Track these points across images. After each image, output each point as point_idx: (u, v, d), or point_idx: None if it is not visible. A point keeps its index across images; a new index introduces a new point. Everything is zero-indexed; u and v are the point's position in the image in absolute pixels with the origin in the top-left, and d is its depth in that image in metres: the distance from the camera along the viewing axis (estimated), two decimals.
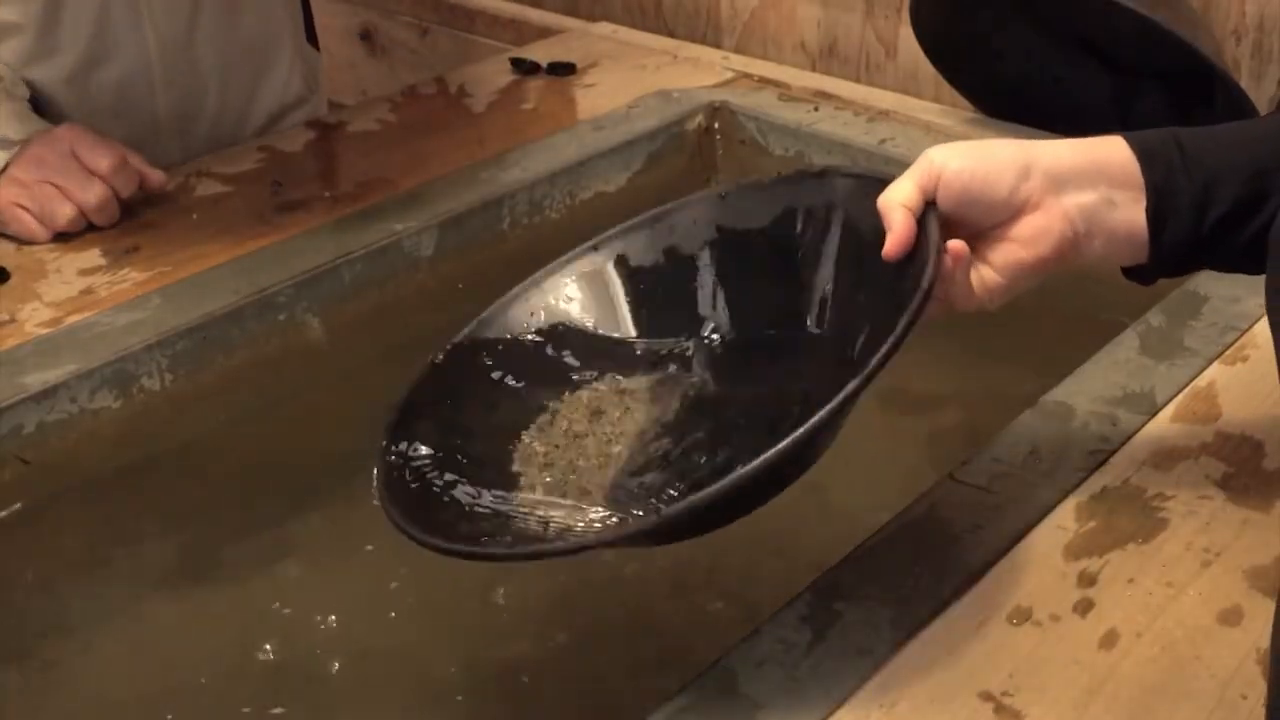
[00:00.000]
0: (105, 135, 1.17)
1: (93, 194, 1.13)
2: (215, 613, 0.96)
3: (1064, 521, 0.80)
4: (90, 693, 0.91)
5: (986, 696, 0.69)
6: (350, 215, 1.18)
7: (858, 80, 1.49)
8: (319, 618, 0.94)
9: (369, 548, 1.00)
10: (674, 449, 0.76)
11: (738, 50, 1.58)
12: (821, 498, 1.02)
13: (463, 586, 0.95)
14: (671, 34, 1.64)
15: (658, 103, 1.39)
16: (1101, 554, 0.78)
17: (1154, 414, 0.89)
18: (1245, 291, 1.03)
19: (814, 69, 1.53)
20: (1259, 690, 0.68)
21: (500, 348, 0.80)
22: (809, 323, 0.79)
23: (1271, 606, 0.72)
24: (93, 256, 1.12)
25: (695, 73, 1.47)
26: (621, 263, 0.82)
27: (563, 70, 1.47)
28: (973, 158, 0.74)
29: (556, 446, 0.76)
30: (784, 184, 0.82)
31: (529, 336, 0.81)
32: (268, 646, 0.93)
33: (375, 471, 0.72)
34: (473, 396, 0.78)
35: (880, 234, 0.73)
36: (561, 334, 0.81)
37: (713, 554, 0.98)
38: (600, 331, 0.82)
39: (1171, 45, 1.14)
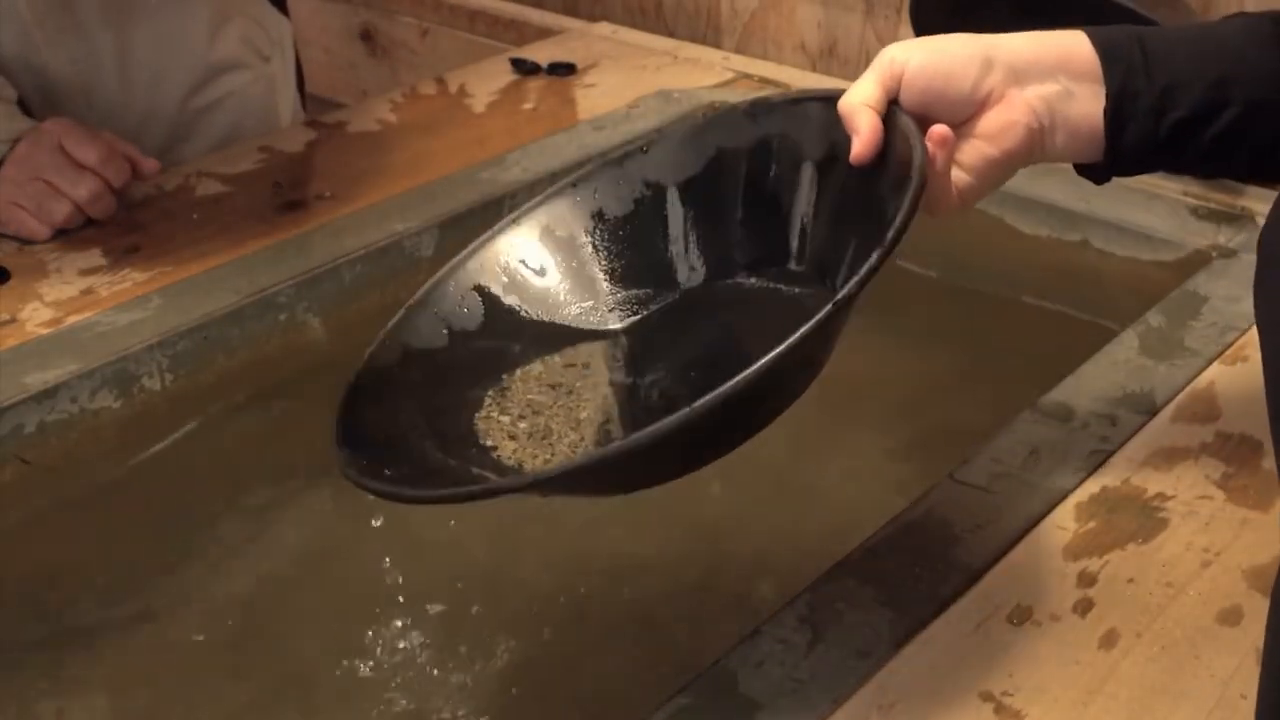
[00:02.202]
0: (92, 128, 1.17)
1: (84, 188, 1.13)
2: (215, 612, 0.95)
3: (1064, 521, 0.80)
4: (90, 693, 0.91)
5: (986, 696, 0.69)
6: (350, 215, 1.18)
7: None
8: (318, 618, 0.94)
9: (369, 548, 1.00)
10: (651, 401, 0.73)
11: (738, 51, 1.58)
12: (821, 498, 1.03)
13: (462, 586, 0.95)
14: (672, 34, 1.64)
15: (658, 103, 1.39)
16: (1101, 554, 0.78)
17: (1154, 414, 0.89)
18: (1245, 291, 1.02)
19: (814, 69, 1.53)
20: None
21: (435, 334, 0.76)
22: (782, 260, 0.76)
23: None
24: (93, 256, 1.12)
25: (695, 73, 1.47)
26: (547, 234, 0.79)
27: (563, 70, 1.47)
28: (933, 53, 0.73)
29: (521, 418, 0.73)
30: (710, 126, 0.78)
31: (461, 324, 0.77)
32: (267, 647, 0.93)
33: (338, 451, 0.69)
34: (414, 388, 0.74)
35: (842, 152, 0.70)
36: (494, 315, 0.77)
37: (712, 553, 0.98)
38: (537, 308, 0.78)
39: None
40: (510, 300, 0.78)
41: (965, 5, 1.29)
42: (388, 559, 0.99)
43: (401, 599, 0.94)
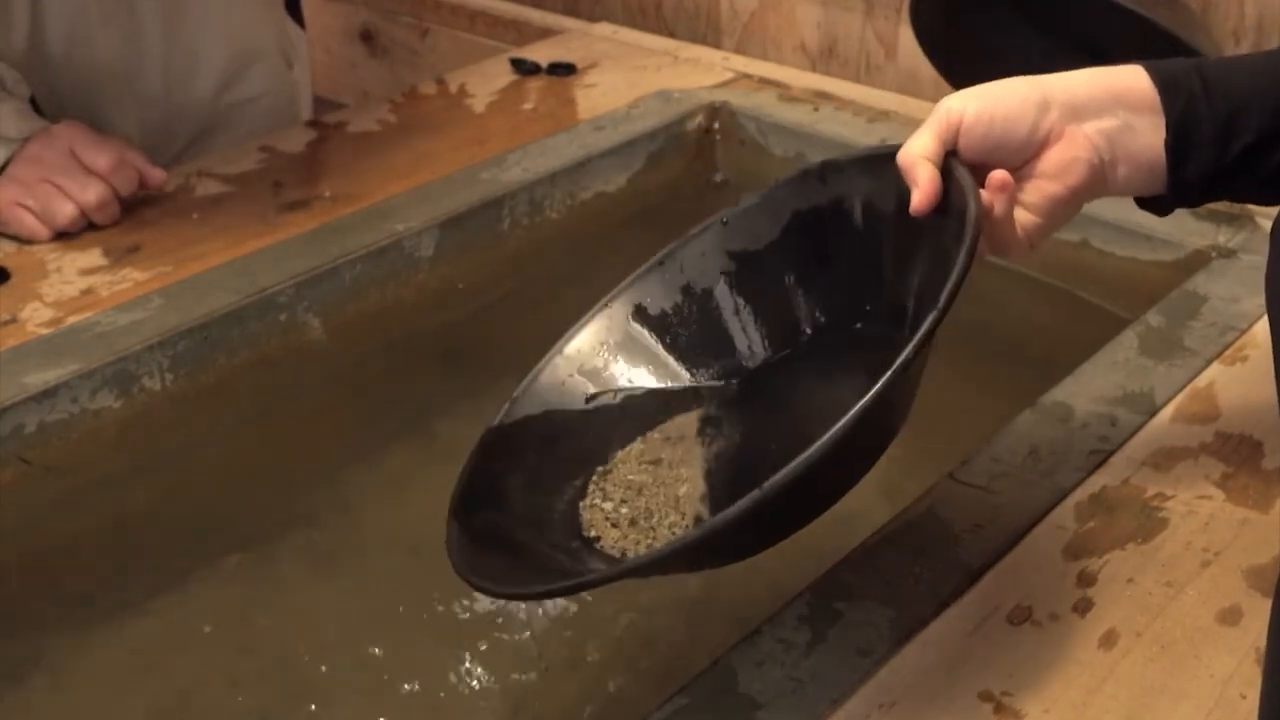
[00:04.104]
0: (104, 133, 1.18)
1: (92, 193, 1.13)
2: (214, 613, 0.96)
3: (1064, 521, 0.81)
4: (89, 693, 0.91)
5: (986, 696, 0.69)
6: (350, 215, 1.18)
7: (857, 80, 1.49)
8: (317, 619, 0.94)
9: (368, 549, 1.00)
10: (744, 472, 0.74)
11: (738, 51, 1.58)
12: None
13: (462, 587, 0.95)
14: (672, 34, 1.64)
15: (658, 103, 1.39)
16: (1101, 554, 0.78)
17: (1153, 414, 0.89)
18: (1245, 291, 1.03)
19: (814, 69, 1.53)
20: (1258, 690, 0.68)
21: (537, 423, 0.78)
22: (852, 320, 0.78)
23: (1270, 606, 0.72)
24: (94, 256, 1.12)
25: (695, 73, 1.47)
26: (640, 313, 0.81)
27: (563, 70, 1.47)
28: (990, 99, 0.73)
29: (623, 501, 0.75)
30: (784, 190, 0.81)
31: (562, 407, 0.79)
32: (265, 647, 0.93)
33: (451, 546, 0.70)
34: (522, 477, 0.76)
35: (904, 205, 0.71)
36: (594, 401, 0.80)
37: None
38: (634, 384, 0.80)
39: (1170, 45, 1.14)
40: (608, 382, 0.80)
41: (965, 5, 1.29)
42: (387, 561, 0.99)
43: (401, 601, 0.94)
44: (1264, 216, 1.14)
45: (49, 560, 0.98)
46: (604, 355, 0.81)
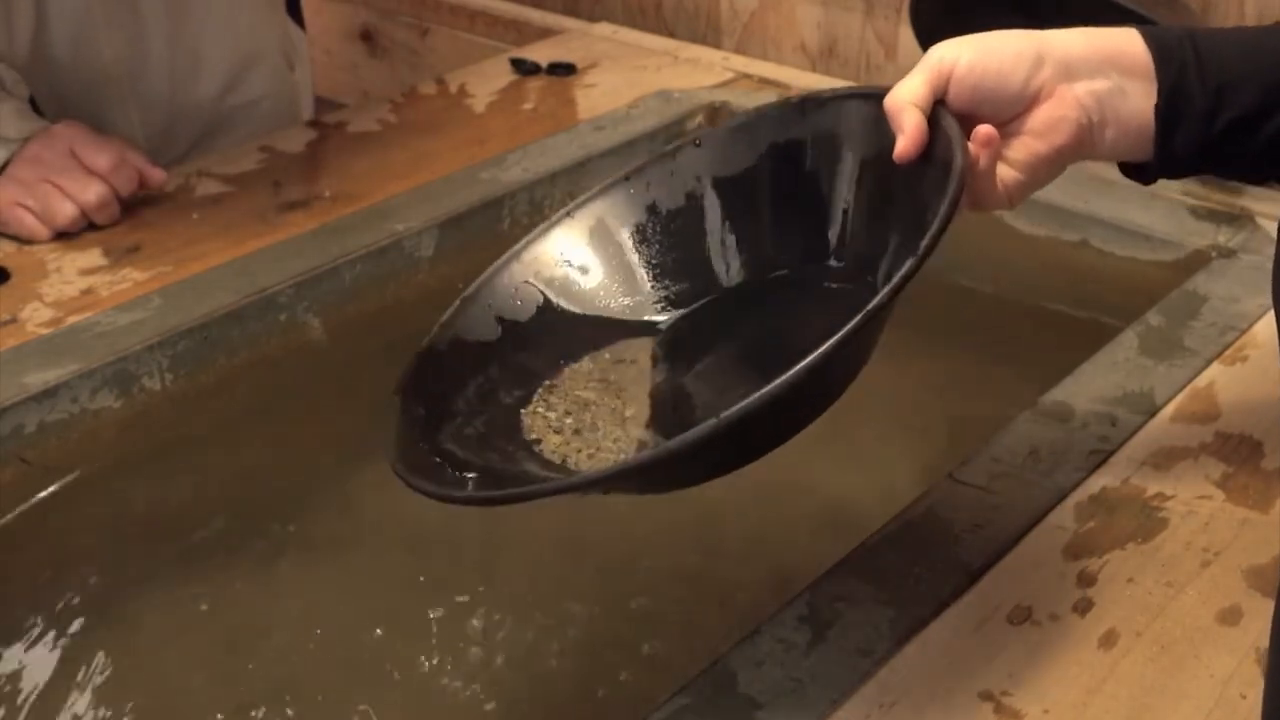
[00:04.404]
0: (103, 133, 1.18)
1: (92, 193, 1.13)
2: (214, 613, 0.95)
3: (1064, 521, 0.80)
4: (86, 695, 0.91)
5: (986, 696, 0.69)
6: (350, 215, 1.18)
7: (857, 80, 1.49)
8: (317, 618, 0.94)
9: (369, 548, 1.00)
10: (693, 402, 0.73)
11: (738, 51, 1.58)
12: (821, 498, 1.03)
13: (461, 585, 0.95)
14: (672, 34, 1.64)
15: (658, 103, 1.39)
16: (1101, 554, 0.78)
17: (1153, 414, 0.89)
18: (1245, 291, 1.03)
19: (814, 70, 1.53)
20: (1258, 690, 0.68)
21: (485, 327, 0.76)
22: (825, 256, 0.77)
23: (1270, 606, 0.72)
24: (93, 256, 1.12)
25: (695, 73, 1.47)
26: (600, 227, 0.79)
27: (563, 70, 1.47)
28: (983, 50, 0.73)
29: (568, 413, 0.73)
30: (762, 119, 0.78)
31: (513, 317, 0.77)
32: (265, 646, 0.93)
33: (388, 444, 0.69)
34: (466, 378, 0.75)
35: (887, 149, 0.70)
36: (547, 309, 0.78)
37: (712, 553, 0.98)
38: (587, 301, 0.78)
39: None
40: (562, 294, 0.78)
41: (965, 6, 1.29)
42: (385, 558, 0.99)
43: (400, 599, 0.94)
44: (1264, 217, 1.14)
45: (49, 560, 0.98)
46: (561, 266, 0.78)
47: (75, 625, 0.94)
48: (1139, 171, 0.76)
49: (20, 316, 1.04)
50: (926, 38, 1.31)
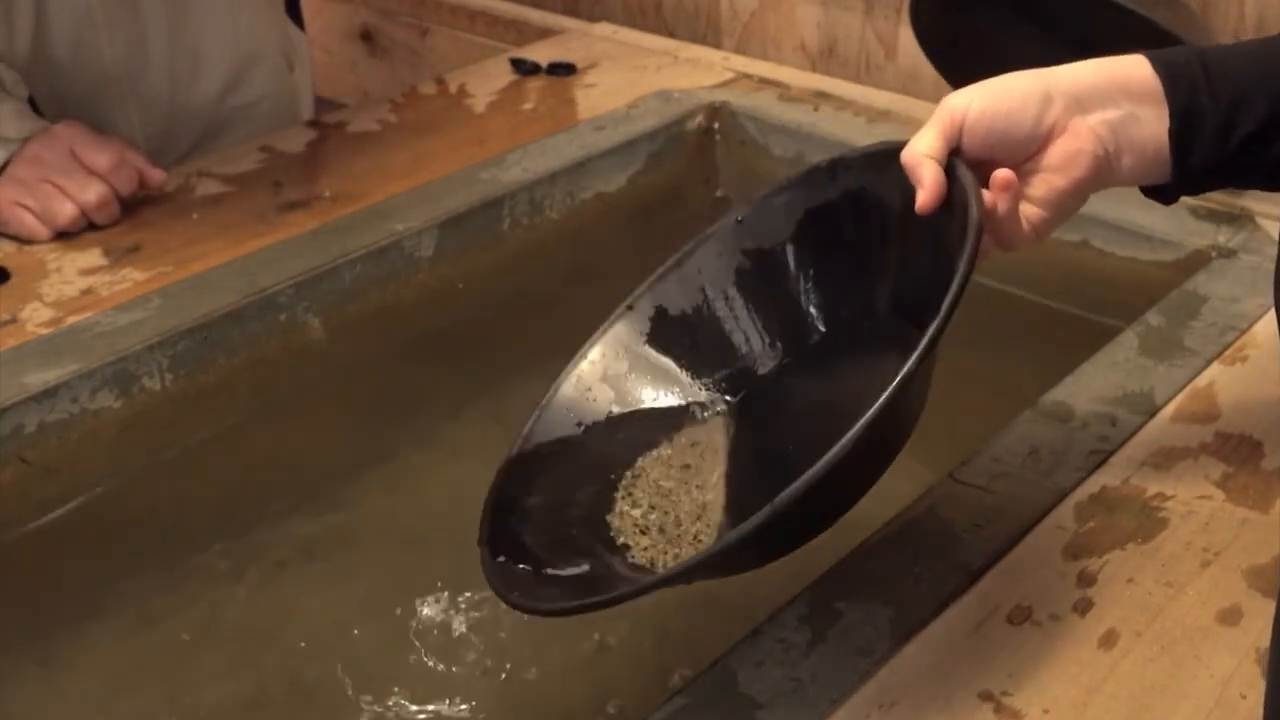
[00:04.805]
0: (103, 133, 1.18)
1: (93, 193, 1.13)
2: (214, 613, 0.96)
3: (1064, 521, 0.81)
4: (89, 695, 0.91)
5: (986, 696, 0.69)
6: (350, 215, 1.18)
7: (857, 80, 1.49)
8: (316, 617, 0.94)
9: (369, 548, 1.00)
10: (766, 478, 0.75)
11: (738, 51, 1.58)
12: None
13: (461, 585, 0.95)
14: (671, 34, 1.64)
15: (658, 103, 1.39)
16: (1101, 554, 0.78)
17: (1153, 414, 0.89)
18: (1244, 291, 1.03)
19: (814, 69, 1.53)
20: (1258, 690, 0.68)
21: (563, 432, 0.79)
22: (863, 316, 0.79)
23: (1270, 606, 0.72)
24: (93, 256, 1.12)
25: (695, 73, 1.47)
26: (661, 315, 0.82)
27: (563, 70, 1.47)
28: (993, 95, 0.73)
29: (651, 507, 0.75)
30: (795, 188, 0.81)
31: (590, 418, 0.79)
32: (265, 645, 0.93)
33: (484, 569, 0.71)
34: (552, 488, 0.77)
35: (909, 203, 0.72)
36: (620, 408, 0.80)
37: None
38: (658, 390, 0.81)
39: (1170, 45, 1.14)
40: (633, 387, 0.81)
41: (964, 5, 1.29)
42: (387, 560, 0.99)
43: (398, 599, 0.94)
44: (1264, 216, 1.14)
45: (48, 560, 0.98)
46: (627, 359, 0.81)
47: (75, 625, 0.94)
48: (1160, 193, 0.77)
49: (20, 316, 1.04)
50: (926, 38, 1.31)
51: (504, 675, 0.90)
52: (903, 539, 0.79)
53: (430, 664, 0.91)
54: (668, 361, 0.81)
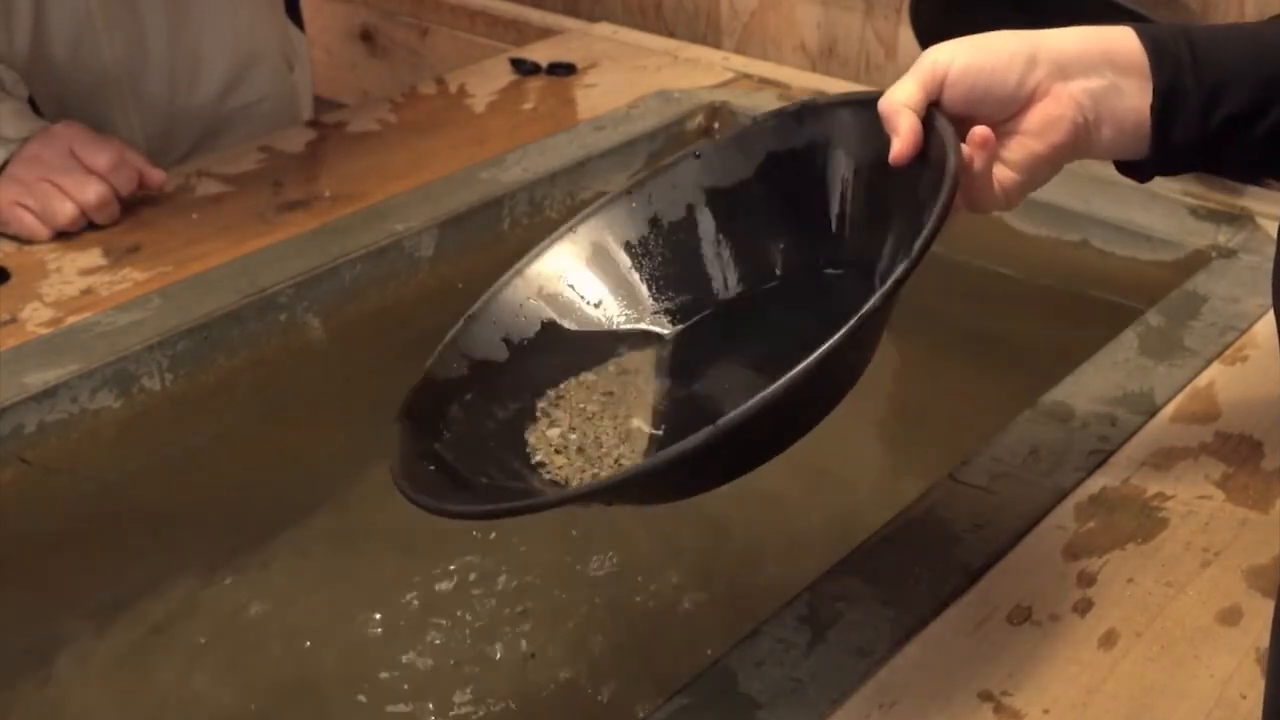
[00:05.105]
0: (103, 133, 1.18)
1: (92, 192, 1.13)
2: (214, 613, 0.96)
3: (1064, 521, 0.81)
4: (88, 694, 0.91)
5: (986, 696, 0.69)
6: (350, 215, 1.18)
7: (857, 80, 1.49)
8: (316, 617, 0.94)
9: (369, 547, 1.00)
10: (698, 410, 0.73)
11: (738, 51, 1.58)
12: (821, 498, 1.03)
13: (461, 585, 0.95)
14: (671, 34, 1.64)
15: (658, 103, 1.39)
16: (1101, 554, 0.78)
17: (1153, 414, 0.89)
18: (1244, 291, 1.03)
19: (814, 69, 1.53)
20: (1258, 690, 0.68)
21: (491, 345, 0.77)
22: (823, 262, 0.77)
23: (1270, 606, 0.72)
24: (93, 256, 1.12)
25: (695, 73, 1.47)
26: (604, 241, 0.80)
27: (563, 70, 1.47)
28: (977, 52, 0.73)
29: (572, 428, 0.74)
30: (759, 129, 0.79)
31: (519, 334, 0.78)
32: (264, 645, 0.93)
33: (393, 460, 0.70)
34: (472, 395, 0.75)
35: (882, 153, 0.71)
36: (551, 324, 0.78)
37: (713, 552, 0.98)
38: (591, 315, 0.79)
39: None
40: (567, 310, 0.79)
41: (964, 5, 1.29)
42: (386, 557, 0.99)
43: (401, 600, 0.94)
44: (1264, 216, 1.14)
45: (48, 560, 0.98)
46: (564, 281, 0.79)
47: (75, 625, 0.94)
48: (1135, 169, 0.76)
49: (20, 316, 1.04)
50: (926, 37, 1.31)
51: (502, 674, 0.90)
52: (903, 539, 0.79)
53: (429, 663, 0.91)
54: (604, 287, 0.79)
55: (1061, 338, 1.14)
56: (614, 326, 0.79)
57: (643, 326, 0.79)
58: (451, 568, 0.97)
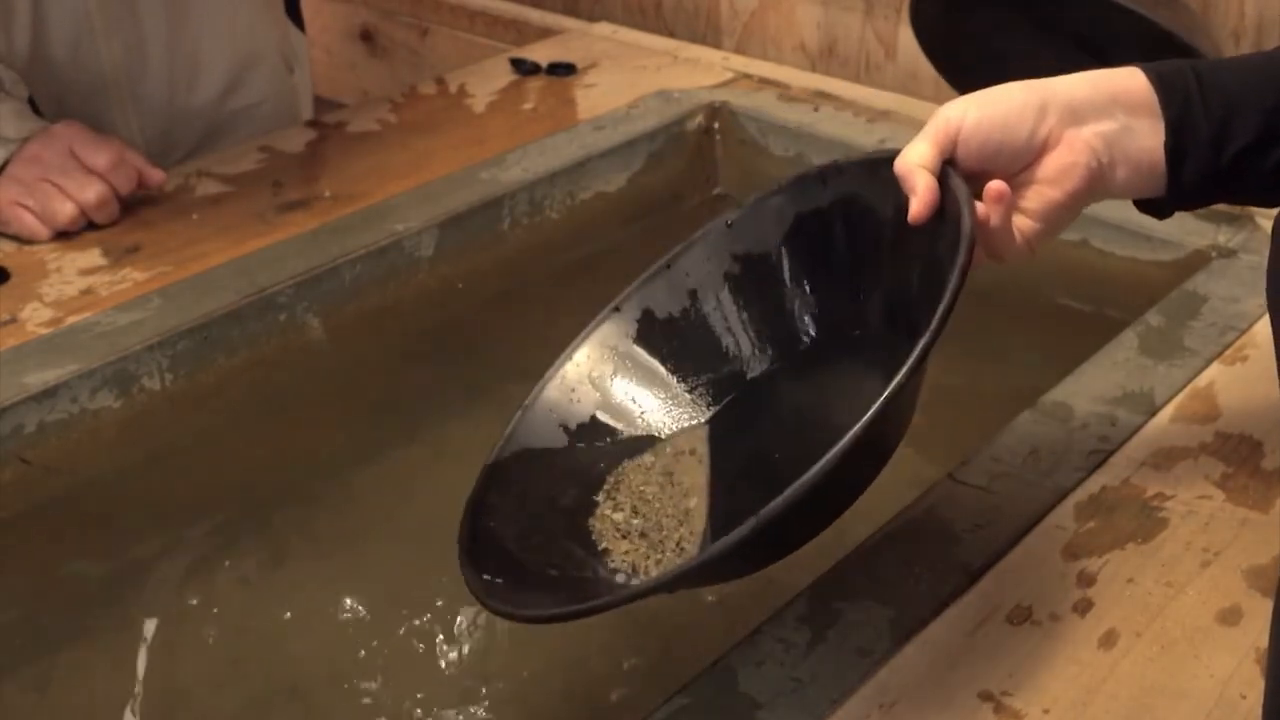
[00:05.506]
0: (102, 133, 1.18)
1: (92, 192, 1.13)
2: (214, 612, 0.96)
3: (1064, 521, 0.81)
4: (88, 694, 0.91)
5: (986, 696, 0.69)
6: (350, 215, 1.18)
7: (857, 80, 1.49)
8: (316, 617, 0.94)
9: (369, 547, 1.00)
10: (751, 486, 0.75)
11: (738, 51, 1.58)
12: None
13: (462, 585, 0.95)
14: (671, 34, 1.64)
15: (658, 103, 1.39)
16: (1101, 554, 0.78)
17: (1153, 414, 0.89)
18: (1244, 291, 1.03)
19: (814, 69, 1.53)
20: (1258, 690, 0.68)
21: (547, 435, 0.78)
22: (854, 325, 0.78)
23: (1270, 606, 0.72)
24: (93, 256, 1.12)
25: (695, 73, 1.47)
26: (648, 317, 0.81)
27: (563, 70, 1.47)
28: (988, 106, 0.73)
29: (634, 512, 0.75)
30: (786, 194, 0.80)
31: (574, 421, 0.79)
32: (267, 646, 0.93)
33: (463, 574, 0.71)
34: (533, 490, 0.76)
35: (901, 212, 0.71)
36: (604, 411, 0.80)
37: None
38: (644, 396, 0.80)
39: (1171, 46, 1.14)
40: (618, 391, 0.80)
41: (965, 6, 1.29)
42: (387, 560, 0.99)
43: (400, 600, 0.94)
44: (1264, 216, 1.14)
45: (48, 560, 0.98)
46: (612, 362, 0.80)
47: (75, 625, 0.94)
48: (1154, 207, 0.77)
49: (20, 316, 1.04)
50: (926, 37, 1.31)
51: (502, 674, 0.90)
52: (903, 539, 0.79)
53: (429, 663, 0.91)
54: (654, 364, 0.81)
55: (1061, 338, 1.14)
56: (665, 403, 0.81)
57: (692, 405, 0.81)
58: (450, 565, 0.96)
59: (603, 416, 0.79)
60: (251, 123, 1.38)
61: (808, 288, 0.80)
